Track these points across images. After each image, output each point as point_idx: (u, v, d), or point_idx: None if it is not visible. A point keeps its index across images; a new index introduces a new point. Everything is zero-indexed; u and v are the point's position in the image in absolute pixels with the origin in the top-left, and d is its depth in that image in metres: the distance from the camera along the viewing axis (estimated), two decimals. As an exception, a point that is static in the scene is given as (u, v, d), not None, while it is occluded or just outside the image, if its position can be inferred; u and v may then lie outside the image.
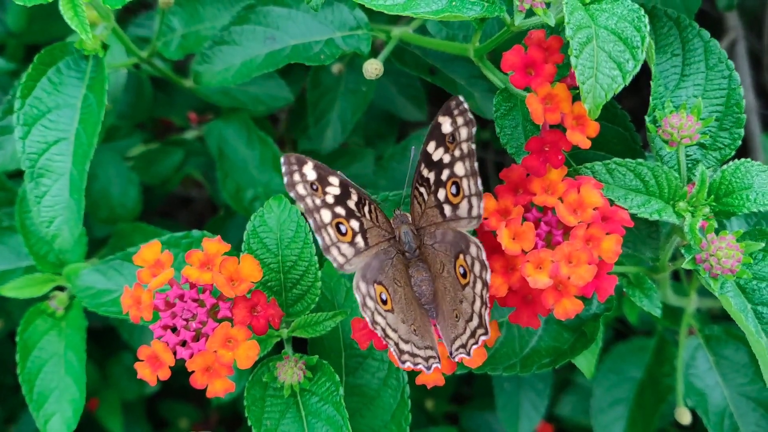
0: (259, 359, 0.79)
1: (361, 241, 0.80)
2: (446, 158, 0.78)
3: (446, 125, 0.77)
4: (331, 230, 0.78)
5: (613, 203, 0.78)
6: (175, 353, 0.77)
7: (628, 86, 0.72)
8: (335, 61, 1.09)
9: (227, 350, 0.76)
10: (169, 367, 0.77)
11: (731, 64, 0.87)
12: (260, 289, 0.85)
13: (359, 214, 0.80)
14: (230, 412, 1.75)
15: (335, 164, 1.35)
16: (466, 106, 0.76)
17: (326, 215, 0.78)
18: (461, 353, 0.78)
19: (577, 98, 0.75)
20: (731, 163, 0.80)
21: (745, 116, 0.86)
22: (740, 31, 1.46)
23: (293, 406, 0.85)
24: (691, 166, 0.86)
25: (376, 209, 0.81)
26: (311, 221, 0.78)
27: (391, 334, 0.77)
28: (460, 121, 0.76)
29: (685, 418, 1.11)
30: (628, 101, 1.50)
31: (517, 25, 0.79)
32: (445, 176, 0.78)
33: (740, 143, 0.86)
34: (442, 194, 0.79)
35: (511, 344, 0.95)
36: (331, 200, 0.78)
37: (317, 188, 0.78)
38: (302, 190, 0.77)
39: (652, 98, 0.86)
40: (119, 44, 1.12)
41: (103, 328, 1.44)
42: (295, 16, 1.05)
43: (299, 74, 1.36)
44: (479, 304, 0.77)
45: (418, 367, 0.78)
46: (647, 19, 0.73)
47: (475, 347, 0.78)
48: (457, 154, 0.77)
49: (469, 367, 0.79)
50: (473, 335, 0.78)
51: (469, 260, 0.77)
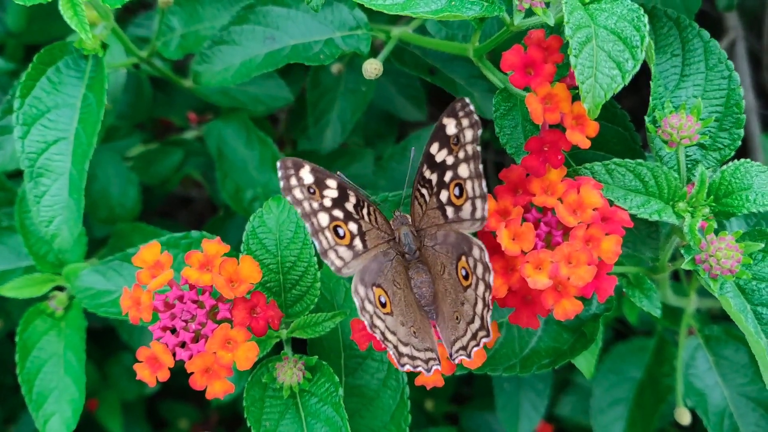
0: (258, 360, 0.79)
1: (359, 243, 0.79)
2: (450, 160, 0.77)
3: (450, 127, 0.76)
4: (328, 234, 0.78)
5: (612, 204, 0.78)
6: (174, 354, 0.77)
7: (627, 86, 0.72)
8: (335, 61, 1.09)
9: (226, 351, 0.76)
10: (168, 367, 0.76)
11: (731, 64, 0.87)
12: (259, 290, 0.85)
13: (358, 216, 0.79)
14: (230, 412, 1.75)
15: (335, 164, 1.35)
16: (471, 108, 0.75)
17: (323, 219, 0.77)
18: (461, 355, 0.78)
19: (576, 98, 0.75)
20: (731, 163, 0.80)
21: (744, 116, 0.86)
22: (740, 31, 1.46)
23: (292, 406, 0.85)
24: (690, 166, 0.86)
25: (375, 211, 0.80)
26: (308, 225, 0.77)
27: (390, 337, 0.77)
28: (465, 122, 0.76)
29: (684, 418, 1.11)
30: (627, 101, 1.50)
31: (516, 24, 0.79)
32: (448, 178, 0.78)
33: (740, 144, 0.86)
34: (444, 196, 0.78)
35: (510, 345, 0.95)
36: (328, 203, 0.78)
37: (314, 191, 0.77)
38: (299, 194, 0.77)
39: (651, 98, 0.86)
40: (119, 44, 1.12)
41: (102, 328, 1.43)
42: (294, 15, 1.05)
43: (299, 74, 1.36)
44: (481, 306, 0.76)
45: (417, 369, 0.78)
46: (647, 18, 0.73)
47: (476, 349, 0.77)
48: (461, 155, 0.77)
49: (468, 367, 0.79)
50: (474, 337, 0.77)
51: (471, 262, 0.77)
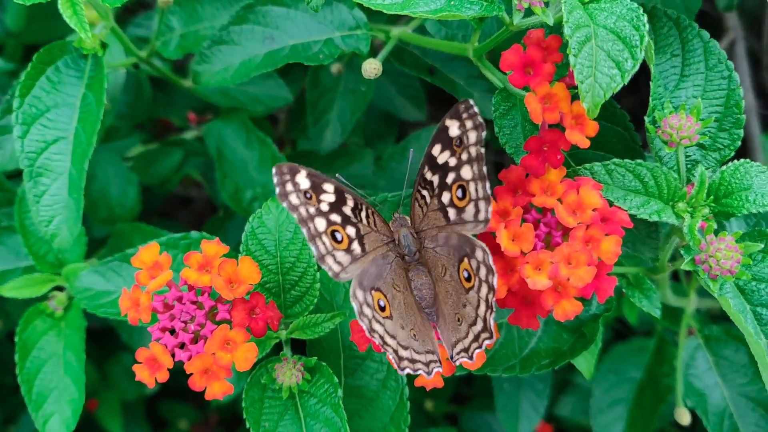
0: (257, 361, 0.79)
1: (357, 247, 0.78)
2: (452, 161, 0.77)
3: (453, 128, 0.76)
4: (325, 239, 0.77)
5: (612, 204, 0.78)
6: (173, 355, 0.76)
7: (627, 86, 0.72)
8: (334, 61, 1.09)
9: (226, 352, 0.76)
10: (167, 368, 0.76)
11: (731, 64, 0.87)
12: (259, 290, 0.85)
13: (356, 219, 0.78)
14: (230, 412, 1.75)
15: (334, 164, 1.35)
16: (476, 109, 0.75)
17: (320, 224, 0.77)
18: (463, 357, 0.77)
19: (576, 97, 0.75)
20: (730, 163, 0.80)
21: (744, 117, 0.86)
22: (740, 31, 1.46)
23: (292, 407, 0.84)
24: (690, 166, 0.85)
25: (373, 214, 0.79)
26: (305, 231, 0.76)
27: (389, 341, 0.77)
28: (469, 124, 0.75)
29: (684, 418, 1.11)
30: (627, 101, 1.50)
31: (515, 24, 0.79)
32: (450, 179, 0.77)
33: (740, 144, 0.85)
34: (446, 197, 0.78)
35: (510, 345, 0.95)
36: (325, 208, 0.77)
37: (311, 196, 0.76)
38: (295, 199, 0.76)
39: (651, 99, 0.86)
40: (118, 44, 1.12)
41: (102, 328, 1.43)
42: (294, 15, 1.05)
43: (298, 74, 1.36)
44: (484, 308, 0.76)
45: (418, 372, 0.77)
46: (646, 18, 0.73)
47: (478, 351, 0.77)
48: (464, 157, 0.76)
49: (468, 368, 0.79)
50: (477, 339, 0.77)
51: (474, 264, 0.76)
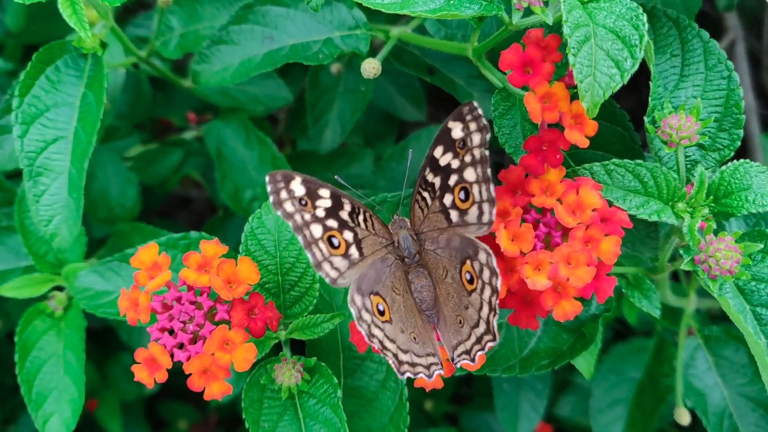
0: (257, 361, 0.79)
1: (355, 252, 0.78)
2: (455, 163, 0.76)
3: (457, 130, 0.75)
4: (322, 245, 0.76)
5: (611, 204, 0.78)
6: (172, 356, 0.76)
7: (626, 85, 0.72)
8: (334, 60, 1.09)
9: (225, 353, 0.76)
10: (166, 369, 0.76)
11: (731, 64, 0.86)
12: (258, 291, 0.85)
13: (353, 224, 0.78)
14: (229, 413, 1.75)
15: (334, 164, 1.35)
16: (480, 111, 0.74)
17: (316, 230, 0.76)
18: (464, 359, 0.77)
19: (575, 97, 0.75)
20: (730, 164, 0.80)
21: (744, 117, 0.85)
22: (739, 31, 1.45)
23: (291, 408, 0.84)
24: (690, 166, 0.85)
25: (371, 216, 0.79)
26: (301, 238, 0.76)
27: (389, 345, 0.76)
28: (473, 126, 0.75)
29: (684, 418, 1.11)
30: (626, 100, 1.50)
31: (515, 23, 0.79)
32: (452, 181, 0.77)
33: (739, 144, 0.85)
34: (448, 199, 0.77)
35: (510, 345, 0.95)
36: (321, 213, 0.76)
37: (306, 203, 0.75)
38: (290, 207, 0.75)
39: (651, 99, 0.86)
40: (118, 44, 1.12)
41: (102, 328, 1.43)
42: (293, 15, 1.05)
43: (298, 74, 1.36)
44: (487, 310, 0.76)
45: (419, 376, 0.77)
46: (645, 17, 0.73)
47: (480, 353, 0.76)
48: (467, 159, 0.76)
49: (468, 369, 0.79)
50: (479, 341, 0.76)
51: (477, 266, 0.76)
